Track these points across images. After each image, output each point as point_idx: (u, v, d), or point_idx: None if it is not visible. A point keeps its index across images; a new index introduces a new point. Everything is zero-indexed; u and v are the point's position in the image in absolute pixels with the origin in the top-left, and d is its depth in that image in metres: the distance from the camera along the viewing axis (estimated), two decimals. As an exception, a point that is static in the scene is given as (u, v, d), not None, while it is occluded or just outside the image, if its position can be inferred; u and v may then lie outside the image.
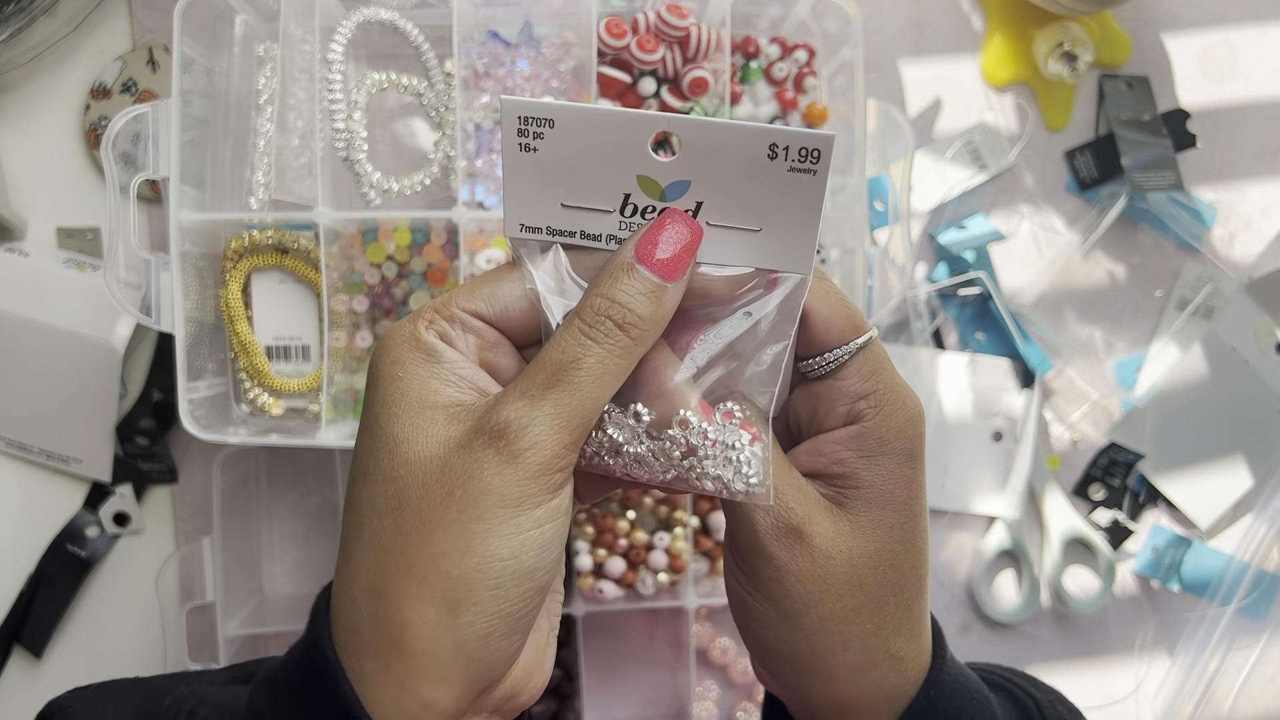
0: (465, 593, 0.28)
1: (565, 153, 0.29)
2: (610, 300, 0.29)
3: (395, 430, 0.29)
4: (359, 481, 0.30)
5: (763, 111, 0.67)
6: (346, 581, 0.30)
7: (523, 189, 0.30)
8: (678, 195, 0.30)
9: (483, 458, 0.28)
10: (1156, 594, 0.80)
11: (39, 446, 0.70)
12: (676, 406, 0.30)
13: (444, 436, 0.29)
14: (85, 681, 0.37)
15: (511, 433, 0.28)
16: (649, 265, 0.30)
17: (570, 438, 0.29)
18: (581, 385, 0.29)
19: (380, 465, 0.29)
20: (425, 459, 0.29)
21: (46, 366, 0.67)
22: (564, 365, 0.29)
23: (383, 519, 0.29)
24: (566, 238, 0.31)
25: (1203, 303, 0.79)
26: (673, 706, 0.76)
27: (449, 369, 0.30)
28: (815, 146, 0.28)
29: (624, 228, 0.31)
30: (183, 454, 0.72)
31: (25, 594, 0.70)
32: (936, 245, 0.76)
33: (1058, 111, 0.78)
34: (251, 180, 0.65)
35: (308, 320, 0.65)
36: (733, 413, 0.31)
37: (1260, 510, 0.80)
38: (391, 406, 0.30)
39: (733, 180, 0.30)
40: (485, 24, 0.65)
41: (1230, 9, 0.80)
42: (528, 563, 0.29)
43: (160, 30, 0.71)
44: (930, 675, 0.33)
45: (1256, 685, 0.79)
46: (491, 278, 0.32)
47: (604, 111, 0.29)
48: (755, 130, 0.28)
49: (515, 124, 0.29)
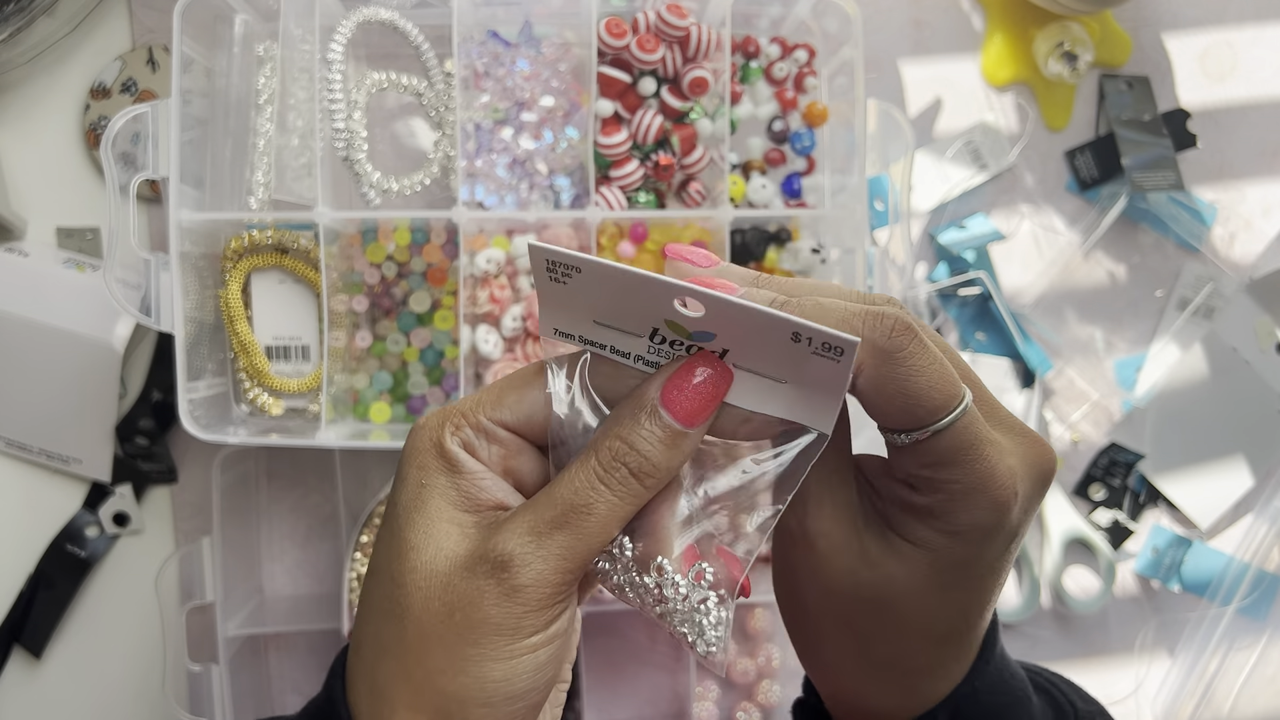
0: (457, 709, 0.29)
1: (592, 290, 0.29)
2: (629, 446, 0.29)
3: (410, 536, 0.30)
4: (373, 576, 0.31)
5: (763, 111, 0.67)
6: (354, 669, 0.31)
7: (556, 305, 0.31)
8: (705, 340, 0.29)
9: (484, 586, 0.29)
10: (1157, 594, 0.80)
11: (39, 446, 0.70)
12: (658, 552, 0.30)
13: (452, 553, 0.30)
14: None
15: (514, 567, 0.29)
16: (672, 410, 0.29)
17: (572, 575, 0.29)
18: (589, 529, 0.29)
19: (390, 567, 0.30)
20: (431, 572, 0.29)
21: (46, 366, 0.67)
22: (575, 507, 0.29)
23: (388, 622, 0.30)
24: (597, 348, 0.31)
25: (1203, 303, 0.79)
26: (673, 707, 0.76)
27: (469, 480, 0.31)
28: (839, 346, 0.27)
29: (653, 352, 0.30)
30: (182, 454, 0.72)
31: (25, 594, 0.70)
32: (937, 245, 0.76)
33: (1058, 111, 0.78)
34: (251, 180, 0.65)
35: (307, 320, 0.64)
36: (704, 573, 0.30)
37: (1260, 510, 0.79)
38: (411, 512, 0.30)
39: (758, 345, 0.29)
40: (485, 24, 0.65)
41: (1230, 9, 0.80)
42: (520, 685, 0.29)
43: (160, 30, 0.71)
44: (976, 665, 0.33)
45: (1257, 685, 0.79)
46: (519, 383, 0.31)
47: (627, 273, 0.28)
48: (779, 320, 0.27)
49: (543, 264, 0.29)
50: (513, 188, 0.64)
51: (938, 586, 0.31)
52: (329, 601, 0.71)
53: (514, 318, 0.62)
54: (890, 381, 0.28)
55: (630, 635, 0.76)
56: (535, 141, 0.64)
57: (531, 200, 0.64)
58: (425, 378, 0.65)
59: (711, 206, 0.65)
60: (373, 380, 0.65)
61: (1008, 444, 0.30)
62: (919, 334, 0.28)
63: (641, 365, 0.31)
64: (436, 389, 0.65)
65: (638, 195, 0.64)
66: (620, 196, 0.63)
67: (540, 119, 0.64)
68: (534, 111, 0.64)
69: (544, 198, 0.64)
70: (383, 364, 0.65)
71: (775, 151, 0.67)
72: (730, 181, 0.64)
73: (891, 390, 0.28)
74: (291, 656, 0.74)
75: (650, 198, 0.64)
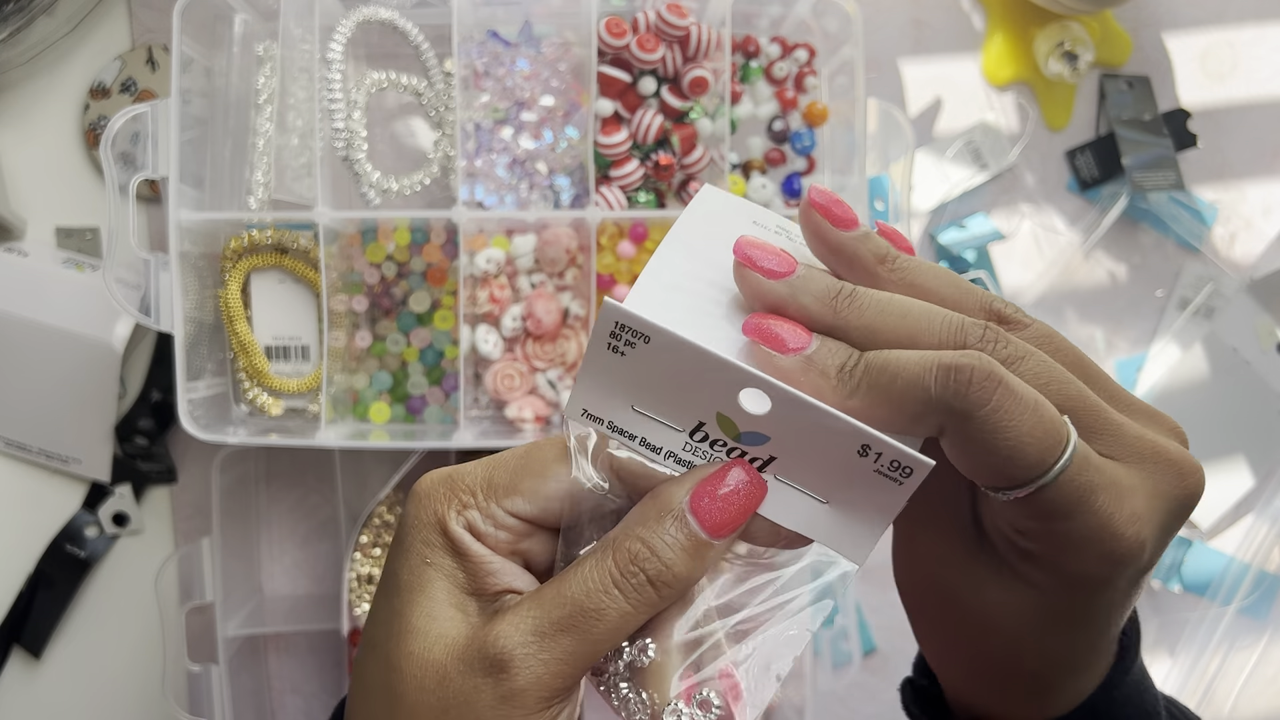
0: None
1: (652, 367, 0.27)
2: (650, 551, 0.27)
3: (411, 617, 0.29)
4: (369, 650, 0.30)
5: (763, 111, 0.67)
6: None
7: (598, 382, 0.28)
8: (753, 444, 0.27)
9: (480, 685, 0.27)
10: (1157, 594, 0.80)
11: (38, 446, 0.70)
12: (659, 670, 0.28)
13: (450, 642, 0.28)
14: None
15: (513, 669, 0.27)
16: (700, 518, 0.27)
17: (574, 680, 0.28)
18: (597, 635, 0.27)
19: (387, 646, 0.29)
20: (428, 662, 0.28)
21: (46, 366, 0.67)
22: (585, 611, 0.27)
23: (380, 703, 0.29)
24: (626, 439, 0.29)
25: (1203, 303, 0.79)
26: (673, 707, 0.76)
27: (475, 565, 0.29)
28: (909, 465, 0.25)
29: (689, 450, 0.28)
30: (182, 454, 0.72)
31: (24, 594, 0.70)
32: (937, 245, 0.76)
33: (1058, 111, 0.78)
34: (251, 180, 0.64)
35: (307, 320, 0.64)
36: (710, 703, 0.28)
37: (1261, 510, 0.79)
38: (414, 590, 0.29)
39: (814, 454, 0.27)
40: (485, 23, 0.65)
41: (1231, 8, 0.80)
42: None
43: (159, 30, 0.71)
44: (1114, 675, 0.31)
45: (1257, 686, 0.78)
46: (536, 468, 0.30)
47: (703, 353, 0.26)
48: (852, 429, 0.25)
49: (610, 327, 0.27)
50: (512, 187, 0.64)
51: (1050, 622, 0.28)
52: (329, 602, 0.71)
53: (513, 318, 0.62)
54: (973, 442, 0.25)
55: (630, 635, 0.76)
56: (535, 141, 0.64)
57: (531, 200, 0.64)
58: (425, 378, 0.65)
59: (711, 206, 0.65)
60: (372, 380, 0.65)
61: (1133, 479, 0.27)
62: (1004, 382, 0.24)
63: (671, 464, 0.29)
64: (436, 389, 0.65)
65: (638, 195, 0.64)
66: (620, 196, 0.63)
67: (540, 119, 0.64)
68: (534, 111, 0.64)
69: (544, 197, 0.64)
70: (382, 364, 0.65)
71: (775, 151, 0.67)
72: (730, 181, 0.63)
73: (977, 450, 0.25)
74: (291, 657, 0.74)
75: (650, 197, 0.64)
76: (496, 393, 0.63)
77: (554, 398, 0.63)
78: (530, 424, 0.63)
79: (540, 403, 0.63)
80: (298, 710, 0.74)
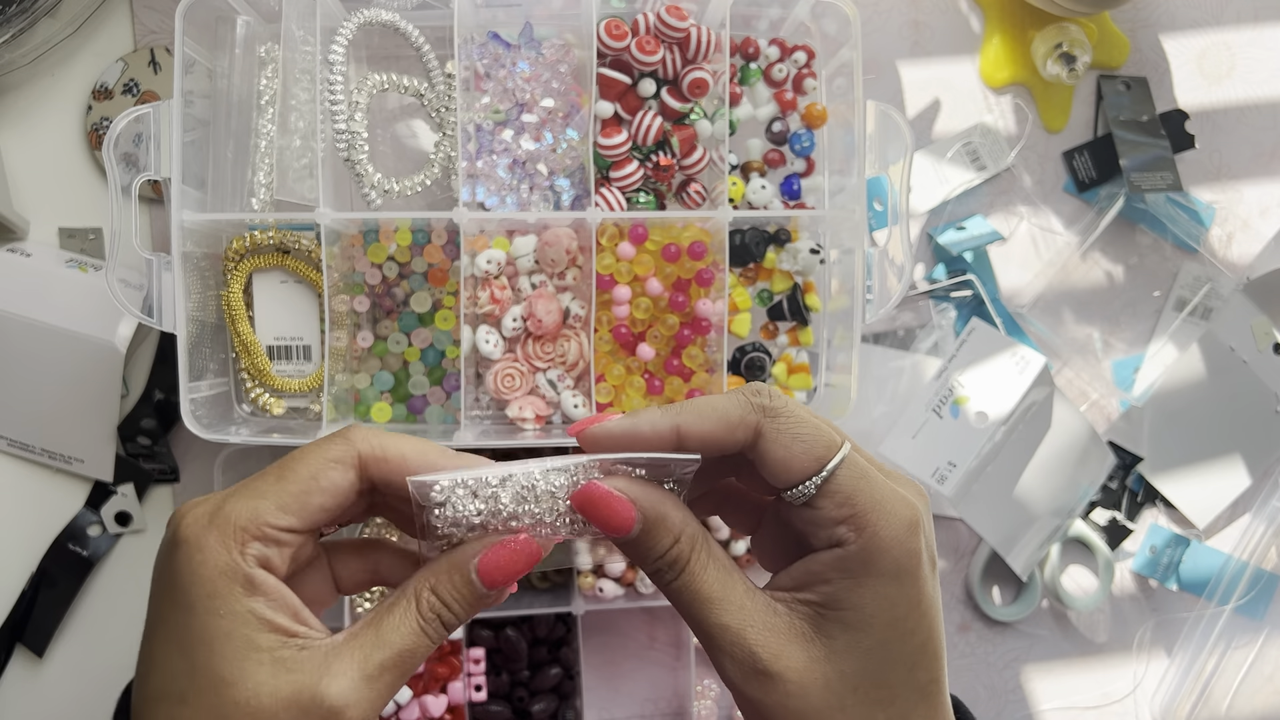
0: None
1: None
2: (444, 605, 0.33)
3: (221, 670, 0.30)
4: (175, 704, 0.31)
5: (762, 112, 0.67)
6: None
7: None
8: None
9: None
10: (1155, 593, 0.80)
11: (41, 446, 0.70)
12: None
13: (273, 688, 0.31)
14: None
15: (345, 715, 0.31)
16: (484, 577, 0.33)
17: (388, 701, 0.33)
18: (412, 667, 0.33)
19: (205, 700, 0.30)
20: (255, 709, 0.30)
21: (49, 367, 0.67)
22: (403, 653, 0.33)
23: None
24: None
25: (1201, 303, 0.79)
26: (673, 705, 0.77)
27: (270, 599, 0.32)
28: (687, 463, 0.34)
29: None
30: (184, 453, 0.72)
31: (27, 593, 0.70)
32: (935, 246, 0.77)
33: (1056, 112, 0.79)
34: (253, 181, 0.65)
35: (309, 320, 0.65)
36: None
37: (1258, 509, 0.80)
38: (214, 643, 0.31)
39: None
40: (486, 25, 0.65)
41: (1228, 10, 0.81)
42: None
43: (162, 31, 0.71)
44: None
45: (1254, 684, 0.79)
46: (295, 485, 0.33)
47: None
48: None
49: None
50: (513, 189, 0.64)
51: (854, 665, 0.32)
52: (330, 600, 0.71)
53: (514, 318, 0.62)
54: (775, 444, 0.33)
55: (630, 633, 0.76)
56: (536, 143, 0.64)
57: (532, 201, 0.64)
58: (426, 378, 0.65)
59: (711, 207, 0.65)
60: (374, 380, 0.65)
61: (889, 481, 0.34)
62: (789, 401, 0.34)
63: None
64: (438, 389, 0.65)
65: (638, 196, 0.64)
66: (620, 197, 0.63)
67: (541, 120, 0.64)
68: (534, 113, 0.64)
69: (544, 199, 0.65)
70: (384, 364, 0.66)
71: (774, 153, 0.67)
72: (730, 182, 0.64)
73: (779, 452, 0.33)
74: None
75: (650, 199, 0.65)
76: (497, 392, 0.63)
77: (554, 397, 0.63)
78: (531, 423, 0.63)
79: (540, 402, 0.63)
80: (299, 708, 0.74)
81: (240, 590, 0.31)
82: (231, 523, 0.31)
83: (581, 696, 0.73)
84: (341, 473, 0.33)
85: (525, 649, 0.72)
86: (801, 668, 0.32)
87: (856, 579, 0.32)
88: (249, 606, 0.31)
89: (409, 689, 0.70)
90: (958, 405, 0.72)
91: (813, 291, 0.67)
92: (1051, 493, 0.76)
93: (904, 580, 0.32)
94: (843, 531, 0.32)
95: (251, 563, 0.31)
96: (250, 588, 0.31)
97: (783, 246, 0.66)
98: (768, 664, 0.32)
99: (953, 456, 0.71)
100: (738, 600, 0.33)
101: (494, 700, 0.72)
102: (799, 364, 0.67)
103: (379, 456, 0.33)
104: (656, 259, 0.64)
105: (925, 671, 0.33)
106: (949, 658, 0.78)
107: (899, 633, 0.32)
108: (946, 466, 0.71)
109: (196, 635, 0.31)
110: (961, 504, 0.73)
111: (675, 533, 0.33)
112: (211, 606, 0.31)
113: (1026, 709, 0.79)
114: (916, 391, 0.74)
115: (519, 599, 0.72)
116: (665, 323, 0.64)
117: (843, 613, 0.32)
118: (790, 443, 0.32)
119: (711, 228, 0.63)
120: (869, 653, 0.32)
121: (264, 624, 0.31)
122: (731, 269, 0.66)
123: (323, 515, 0.33)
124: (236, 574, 0.31)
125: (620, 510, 0.33)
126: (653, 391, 0.64)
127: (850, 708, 0.32)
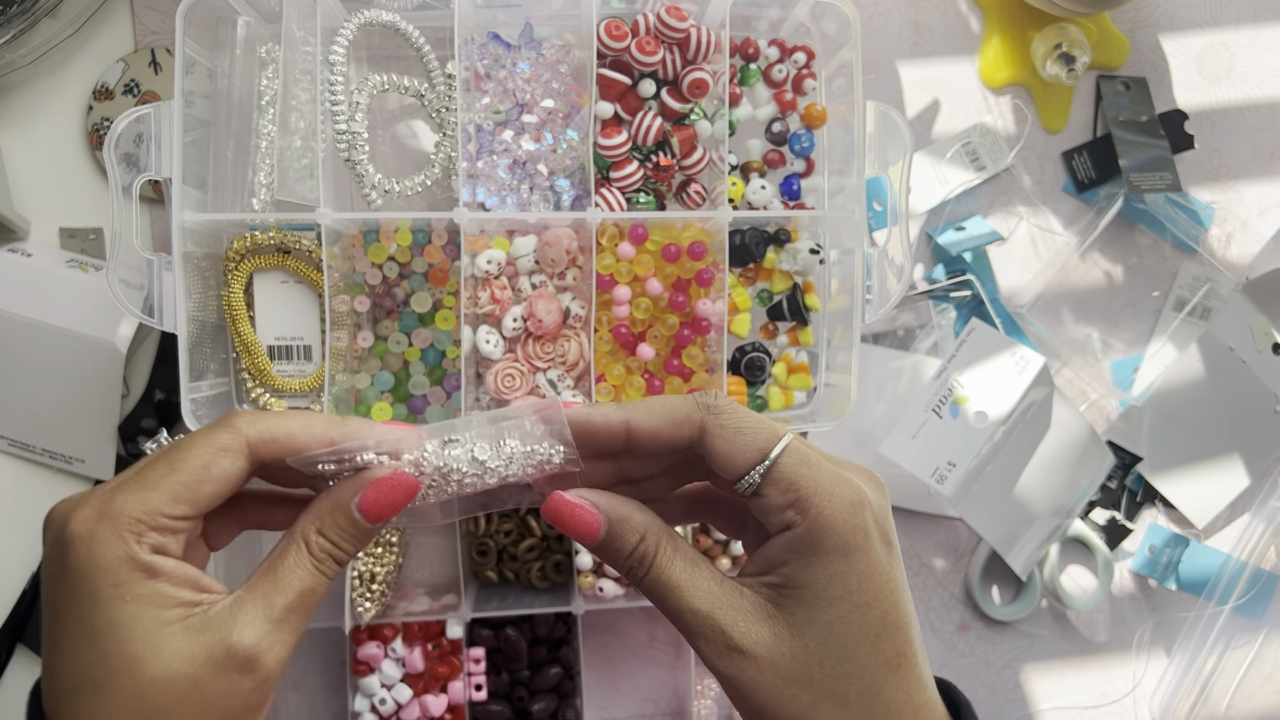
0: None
1: None
2: (332, 545, 0.35)
3: (133, 650, 0.32)
4: (89, 693, 0.32)
5: (762, 113, 0.67)
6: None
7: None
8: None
9: (238, 680, 0.33)
10: (1154, 593, 0.80)
11: (42, 446, 0.70)
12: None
13: (188, 653, 0.32)
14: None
15: (263, 658, 0.33)
16: (366, 513, 0.35)
17: (299, 638, 0.35)
18: (315, 604, 0.35)
19: (120, 683, 0.32)
20: (172, 676, 0.32)
21: (49, 367, 0.67)
22: (304, 594, 0.35)
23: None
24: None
25: (1200, 303, 0.79)
26: (672, 704, 0.77)
27: (171, 577, 0.33)
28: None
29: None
30: (185, 453, 0.72)
31: (28, 593, 0.70)
32: (935, 246, 0.77)
33: (1055, 113, 0.79)
34: (253, 181, 0.65)
35: (309, 320, 0.65)
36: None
37: (1257, 509, 0.80)
38: (124, 627, 0.32)
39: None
40: (486, 26, 0.65)
41: (1227, 11, 0.81)
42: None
43: (163, 32, 0.71)
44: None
45: (1253, 683, 0.79)
46: (186, 474, 0.34)
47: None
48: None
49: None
50: (514, 189, 0.65)
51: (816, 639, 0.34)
52: (330, 599, 0.71)
53: (515, 318, 0.62)
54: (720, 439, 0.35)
55: (630, 632, 0.76)
56: (536, 143, 0.64)
57: (532, 201, 0.65)
58: (427, 378, 0.65)
59: (711, 208, 0.65)
60: (374, 380, 0.65)
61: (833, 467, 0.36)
62: (732, 400, 0.36)
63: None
64: (438, 389, 0.65)
65: (638, 196, 0.65)
66: (620, 198, 0.63)
67: (541, 121, 0.64)
68: (535, 113, 0.64)
69: (544, 199, 0.65)
70: (384, 364, 0.66)
71: (774, 153, 0.68)
72: (730, 183, 0.64)
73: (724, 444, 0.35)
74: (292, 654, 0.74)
75: (650, 199, 0.65)
76: (498, 392, 0.63)
77: (554, 398, 0.63)
78: (531, 423, 0.63)
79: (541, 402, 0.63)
80: (300, 707, 0.74)
81: (142, 575, 0.32)
82: (125, 515, 0.33)
83: (581, 696, 0.73)
84: (231, 460, 0.34)
85: (525, 648, 0.72)
86: (769, 643, 0.34)
87: (806, 558, 0.34)
88: (154, 589, 0.32)
89: (409, 689, 0.70)
90: (957, 405, 0.72)
91: (812, 292, 0.67)
92: (1051, 492, 0.76)
93: (851, 556, 0.34)
94: (790, 515, 0.34)
95: (148, 551, 0.33)
96: (151, 573, 0.32)
97: (782, 247, 0.66)
98: (738, 641, 0.34)
99: (952, 456, 0.71)
100: (705, 586, 0.35)
101: (494, 700, 0.72)
102: (799, 364, 0.68)
103: (267, 439, 0.35)
104: (656, 259, 0.64)
105: (890, 644, 0.34)
106: (949, 657, 0.78)
107: (853, 605, 0.33)
108: (946, 466, 0.71)
109: (105, 622, 0.32)
110: (961, 504, 0.73)
111: (640, 531, 0.36)
112: (117, 594, 0.32)
113: (1026, 708, 0.79)
114: (916, 391, 0.74)
115: (519, 599, 0.72)
116: (665, 323, 0.64)
117: (799, 590, 0.34)
118: (733, 436, 0.35)
119: (711, 228, 0.64)
120: (828, 627, 0.33)
121: (169, 600, 0.33)
122: (731, 269, 0.66)
123: (215, 502, 0.34)
124: (137, 562, 0.32)
125: (586, 518, 0.36)
126: (653, 392, 0.64)
127: (819, 680, 0.33)
